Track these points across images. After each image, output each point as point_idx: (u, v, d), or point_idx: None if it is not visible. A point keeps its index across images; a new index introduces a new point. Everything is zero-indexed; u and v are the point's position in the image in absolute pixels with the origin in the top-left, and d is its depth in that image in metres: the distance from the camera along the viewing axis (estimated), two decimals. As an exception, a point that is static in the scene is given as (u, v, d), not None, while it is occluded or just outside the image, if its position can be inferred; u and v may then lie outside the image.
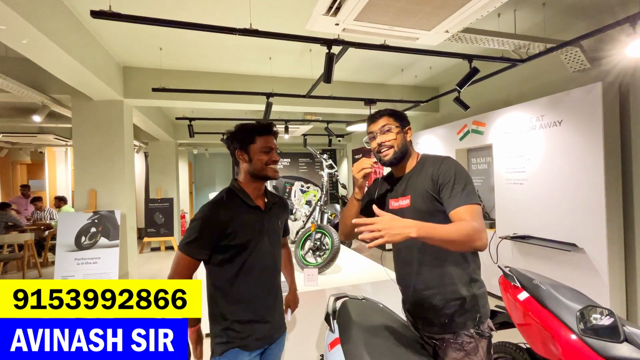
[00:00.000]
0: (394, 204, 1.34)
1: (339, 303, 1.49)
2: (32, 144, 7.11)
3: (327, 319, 1.41)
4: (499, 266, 2.02)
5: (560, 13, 2.88)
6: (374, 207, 1.02)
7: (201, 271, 1.41)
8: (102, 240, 3.58)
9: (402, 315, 1.50)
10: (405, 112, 5.26)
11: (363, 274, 2.83)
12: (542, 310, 1.63)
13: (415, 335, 1.31)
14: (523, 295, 1.76)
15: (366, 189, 1.42)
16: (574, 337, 1.34)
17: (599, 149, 2.70)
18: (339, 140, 7.53)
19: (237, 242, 1.25)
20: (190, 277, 1.29)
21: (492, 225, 3.83)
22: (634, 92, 2.68)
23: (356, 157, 7.88)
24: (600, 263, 2.71)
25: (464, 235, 1.01)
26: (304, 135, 6.57)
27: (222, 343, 1.26)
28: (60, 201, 6.58)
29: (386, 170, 1.49)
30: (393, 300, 2.53)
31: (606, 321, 1.19)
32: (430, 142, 4.94)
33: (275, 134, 1.36)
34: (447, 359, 1.20)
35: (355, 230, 1.01)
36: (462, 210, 1.11)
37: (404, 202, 1.30)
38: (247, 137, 1.31)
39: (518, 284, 1.81)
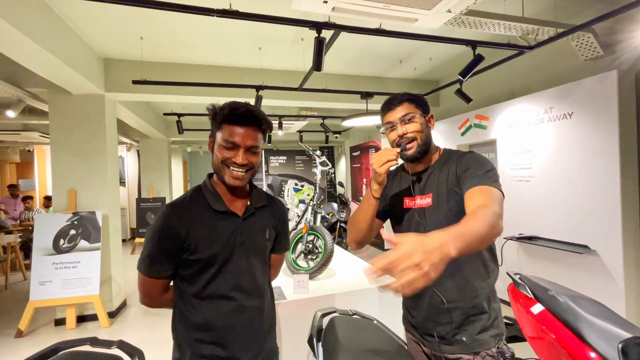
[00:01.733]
0: (409, 202, 1.17)
1: (325, 320, 1.28)
2: (19, 142, 6.89)
3: (310, 341, 1.21)
4: (507, 273, 1.82)
5: (572, -4, 2.66)
6: (384, 233, 0.76)
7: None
8: (83, 243, 3.37)
9: (402, 331, 1.30)
10: None
11: (358, 279, 2.62)
12: (559, 325, 1.43)
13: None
14: (537, 308, 1.55)
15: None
16: (593, 354, 1.14)
17: (614, 143, 2.49)
18: (336, 137, 7.31)
19: (198, 257, 0.99)
20: (160, 297, 1.08)
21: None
22: (653, 80, 2.46)
23: (354, 154, 7.66)
24: (615, 266, 2.50)
25: (490, 227, 0.78)
26: (300, 131, 6.35)
27: None
28: (49, 201, 6.38)
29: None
30: (392, 312, 2.33)
31: None
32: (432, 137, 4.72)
33: (255, 124, 1.00)
34: None
35: (376, 275, 0.64)
36: (477, 190, 0.95)
37: (424, 201, 1.13)
38: (215, 120, 1.01)
39: (531, 295, 1.61)
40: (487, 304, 1.07)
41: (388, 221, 1.30)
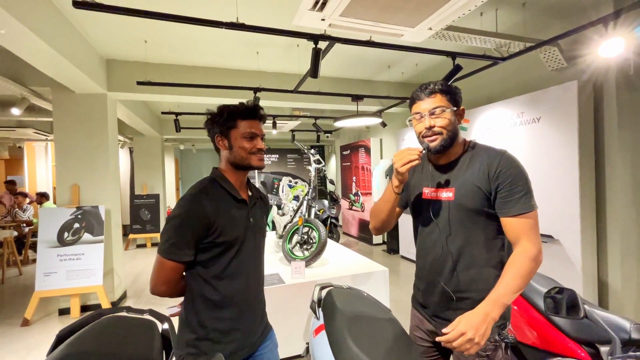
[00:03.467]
0: (428, 192, 1.19)
1: (324, 292, 1.53)
2: (10, 138, 6.87)
3: (312, 306, 1.45)
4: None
5: (539, 13, 2.98)
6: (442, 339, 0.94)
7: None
8: (86, 236, 3.52)
9: (387, 300, 1.54)
10: (392, 109, 5.24)
11: (349, 267, 2.89)
12: (519, 298, 1.72)
13: (396, 321, 1.36)
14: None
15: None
16: (541, 317, 1.43)
17: (574, 145, 2.82)
18: (327, 137, 7.56)
19: (223, 239, 1.10)
20: (179, 283, 1.15)
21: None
22: (607, 90, 2.80)
23: (344, 153, 7.93)
24: (574, 254, 2.84)
25: (529, 275, 0.98)
26: (292, 131, 6.57)
27: (194, 354, 1.11)
28: (42, 197, 6.40)
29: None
30: (377, 291, 2.61)
31: (568, 300, 1.27)
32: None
33: (262, 118, 1.21)
34: None
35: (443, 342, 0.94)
36: (519, 223, 1.02)
37: (446, 194, 1.14)
38: (229, 120, 1.15)
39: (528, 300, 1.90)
40: None
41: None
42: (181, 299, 1.21)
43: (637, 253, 2.72)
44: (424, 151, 1.12)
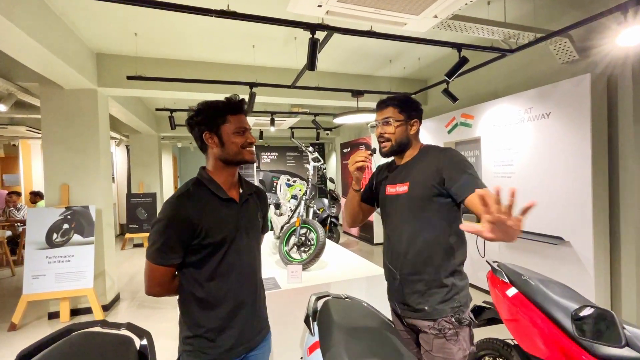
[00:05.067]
0: (390, 189, 1.37)
1: (320, 303, 1.40)
2: (4, 136, 6.75)
3: (306, 320, 1.32)
4: (487, 261, 1.97)
5: (551, 2, 2.82)
6: (463, 227, 0.91)
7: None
8: (76, 237, 3.39)
9: (389, 312, 1.44)
10: None
11: (349, 270, 2.75)
12: (530, 306, 1.57)
13: (398, 334, 1.23)
14: (512, 291, 1.70)
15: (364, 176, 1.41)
16: (564, 336, 1.28)
17: (587, 142, 2.67)
18: (327, 134, 7.42)
19: (209, 241, 1.10)
20: (170, 285, 1.15)
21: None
22: (622, 83, 2.65)
23: (344, 150, 7.78)
24: (586, 256, 2.70)
25: None
26: (291, 128, 6.43)
27: (191, 351, 1.13)
28: (36, 196, 6.29)
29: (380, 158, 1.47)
30: (378, 295, 2.47)
31: (604, 323, 1.12)
32: (419, 135, 4.88)
33: (246, 112, 1.22)
34: (427, 346, 1.23)
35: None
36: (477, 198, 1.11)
37: (402, 188, 1.31)
38: (217, 117, 1.13)
39: (506, 280, 1.75)
40: (449, 280, 1.23)
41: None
42: None
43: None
44: (372, 154, 1.34)
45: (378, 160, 1.61)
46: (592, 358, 1.09)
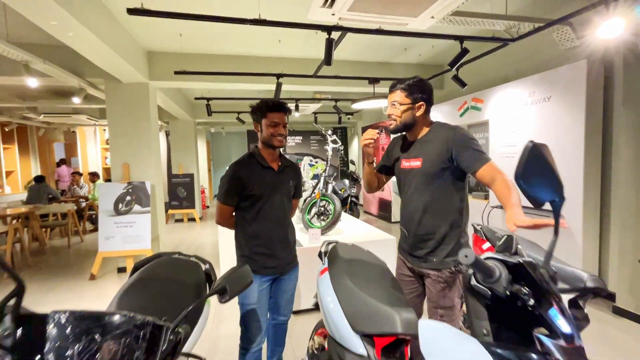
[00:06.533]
0: (405, 163, 1.58)
1: (330, 246, 1.88)
2: (66, 123, 7.73)
3: (319, 255, 1.82)
4: (472, 224, 2.37)
5: (553, -8, 3.00)
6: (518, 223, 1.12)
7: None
8: (136, 207, 4.12)
9: (394, 256, 1.84)
10: None
11: (360, 236, 3.23)
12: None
13: (390, 272, 1.67)
14: (486, 245, 2.11)
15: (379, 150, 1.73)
16: None
17: (581, 123, 2.91)
18: (349, 118, 7.77)
19: (254, 193, 1.63)
20: (231, 217, 1.72)
21: (486, 197, 4.11)
22: (617, 69, 2.84)
23: (365, 134, 8.11)
24: (577, 228, 2.99)
25: (515, 187, 1.17)
26: (315, 113, 6.86)
27: (245, 260, 1.68)
28: (94, 176, 7.25)
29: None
30: (384, 257, 2.94)
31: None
32: (434, 118, 5.09)
33: (285, 110, 1.66)
34: (432, 288, 1.52)
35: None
36: (487, 170, 1.35)
37: (415, 163, 1.52)
38: (261, 112, 1.64)
39: (483, 237, 2.15)
40: (454, 239, 1.46)
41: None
42: None
43: (636, 236, 2.79)
44: (380, 133, 1.61)
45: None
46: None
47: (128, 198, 4.11)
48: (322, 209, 3.43)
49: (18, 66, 3.16)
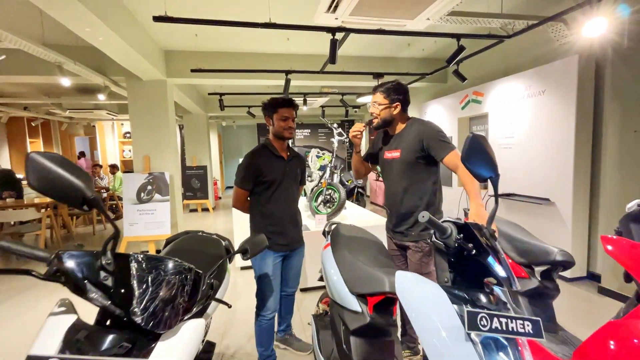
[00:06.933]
0: (387, 154, 1.88)
1: (333, 226, 2.15)
2: (87, 118, 8.15)
3: (323, 233, 2.09)
4: (464, 210, 2.59)
5: (548, -10, 3.14)
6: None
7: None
8: (157, 196, 4.45)
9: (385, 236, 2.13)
10: (415, 83, 5.67)
11: (362, 222, 3.49)
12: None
13: (383, 246, 1.93)
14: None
15: (359, 141, 1.94)
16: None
17: (572, 116, 3.08)
18: (356, 111, 7.96)
19: (267, 179, 1.89)
20: (246, 201, 1.97)
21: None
22: (608, 64, 2.98)
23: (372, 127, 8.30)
24: (566, 214, 3.18)
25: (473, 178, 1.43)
26: (322, 106, 7.08)
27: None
28: (114, 168, 7.67)
29: None
30: (380, 236, 3.21)
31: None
32: (437, 111, 5.33)
33: (294, 106, 1.90)
34: (412, 258, 1.83)
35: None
36: (451, 159, 1.64)
37: (395, 154, 1.82)
38: (272, 108, 1.89)
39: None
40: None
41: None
42: None
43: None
44: (367, 126, 1.86)
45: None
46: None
47: (149, 187, 4.45)
48: (328, 197, 3.69)
49: (52, 67, 3.48)
